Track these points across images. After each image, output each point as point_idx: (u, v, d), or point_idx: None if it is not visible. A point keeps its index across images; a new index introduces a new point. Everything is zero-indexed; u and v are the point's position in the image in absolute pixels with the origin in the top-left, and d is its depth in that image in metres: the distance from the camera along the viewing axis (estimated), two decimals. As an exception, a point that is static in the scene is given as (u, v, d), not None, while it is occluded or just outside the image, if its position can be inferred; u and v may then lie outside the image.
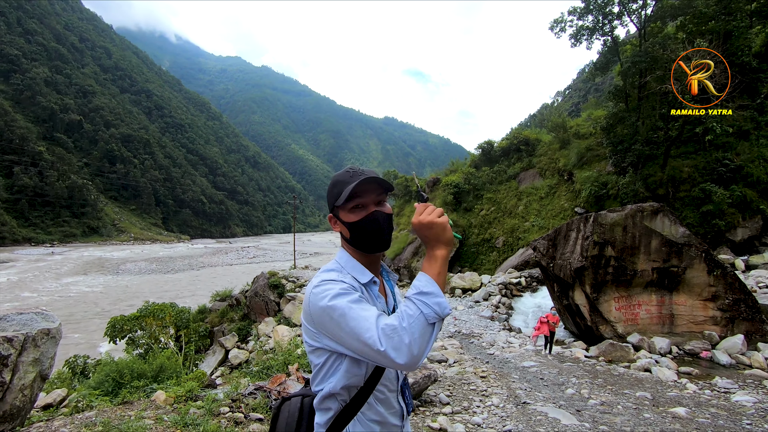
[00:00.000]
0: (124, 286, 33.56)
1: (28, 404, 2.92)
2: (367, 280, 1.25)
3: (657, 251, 9.57)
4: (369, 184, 1.24)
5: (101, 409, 3.32)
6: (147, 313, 10.78)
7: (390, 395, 1.26)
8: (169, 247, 71.47)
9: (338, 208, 1.27)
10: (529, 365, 7.88)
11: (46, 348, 3.05)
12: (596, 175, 18.96)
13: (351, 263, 1.28)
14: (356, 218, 1.24)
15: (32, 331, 2.94)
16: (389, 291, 1.38)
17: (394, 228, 1.34)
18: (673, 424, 4.75)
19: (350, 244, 1.29)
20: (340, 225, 1.29)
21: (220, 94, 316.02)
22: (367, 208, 1.25)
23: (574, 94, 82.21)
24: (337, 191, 1.25)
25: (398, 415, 1.28)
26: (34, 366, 2.91)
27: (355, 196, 1.24)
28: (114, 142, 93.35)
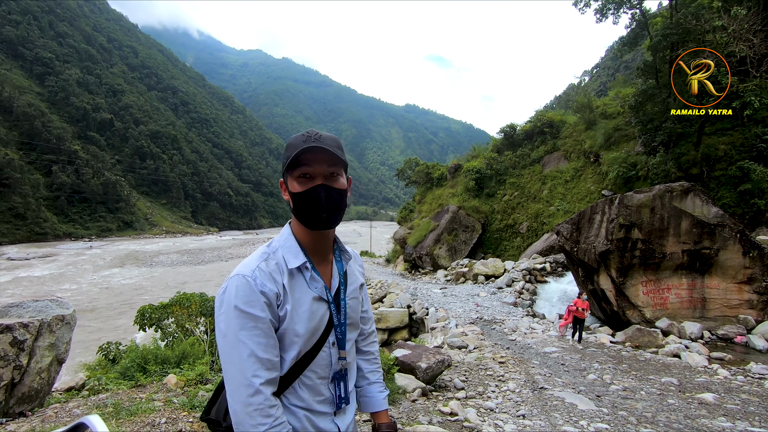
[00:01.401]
0: (157, 277, 34.88)
1: (46, 386, 3.07)
2: (297, 264, 1.15)
3: (687, 233, 9.15)
4: (318, 152, 1.12)
5: (115, 391, 3.46)
6: (174, 302, 11.13)
7: (319, 382, 1.19)
8: (199, 240, 73.70)
9: (287, 174, 1.17)
10: (550, 351, 7.73)
11: (61, 333, 3.18)
12: (624, 155, 18.21)
13: (288, 243, 1.19)
14: (300, 189, 1.14)
15: (47, 318, 3.07)
16: (337, 272, 1.27)
17: (347, 206, 1.23)
18: (699, 410, 4.56)
19: (295, 217, 1.20)
20: (288, 194, 1.19)
21: (243, 87, 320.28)
22: (314, 179, 1.14)
23: (602, 72, 78.93)
24: (287, 155, 1.15)
25: (328, 403, 1.21)
26: (50, 350, 3.04)
27: (303, 164, 1.13)
28: (143, 139, 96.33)
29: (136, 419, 2.60)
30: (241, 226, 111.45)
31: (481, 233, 22.82)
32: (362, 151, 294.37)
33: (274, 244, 1.20)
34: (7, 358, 2.85)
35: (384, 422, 1.36)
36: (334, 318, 1.21)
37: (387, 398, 1.44)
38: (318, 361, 1.18)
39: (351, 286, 1.30)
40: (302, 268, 1.17)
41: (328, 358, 1.21)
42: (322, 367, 1.19)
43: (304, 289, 1.16)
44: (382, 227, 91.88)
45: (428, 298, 13.85)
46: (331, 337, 1.21)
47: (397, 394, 4.29)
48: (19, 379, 2.88)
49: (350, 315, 1.27)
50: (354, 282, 1.32)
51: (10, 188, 58.61)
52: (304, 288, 1.16)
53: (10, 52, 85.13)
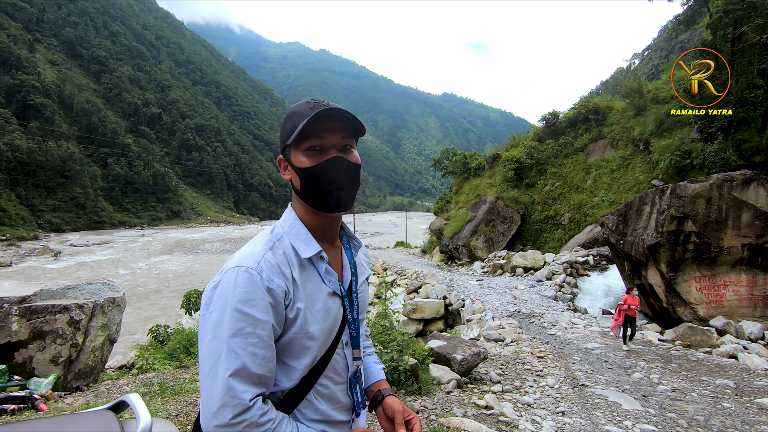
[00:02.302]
0: (203, 263, 36.60)
1: (99, 364, 3.29)
2: (311, 254, 0.97)
3: (749, 225, 8.47)
4: (331, 120, 0.95)
5: (161, 371, 3.65)
6: (217, 288, 11.62)
7: (336, 389, 1.03)
8: (241, 229, 76.54)
9: (291, 148, 0.99)
10: (592, 347, 7.43)
11: (112, 314, 3.38)
12: (678, 143, 17.07)
13: (296, 229, 1.01)
14: (311, 163, 0.96)
15: (100, 300, 3.27)
16: (348, 263, 1.10)
17: (360, 184, 1.05)
18: (759, 416, 4.23)
19: (300, 198, 1.02)
20: (291, 171, 1.01)
21: (282, 80, 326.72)
22: (327, 151, 0.97)
23: (654, 55, 74.07)
24: (290, 126, 0.97)
25: (346, 410, 1.06)
26: (102, 330, 3.25)
27: (313, 135, 0.96)
28: (189, 132, 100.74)
29: (179, 398, 2.74)
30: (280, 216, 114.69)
31: (519, 224, 22.21)
32: (398, 142, 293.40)
33: (277, 231, 1.02)
34: (65, 336, 3.07)
35: (386, 387, 1.18)
36: (348, 314, 1.06)
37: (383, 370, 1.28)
38: (333, 365, 1.02)
39: (361, 278, 1.15)
40: (315, 259, 0.99)
41: (344, 360, 1.05)
42: (338, 371, 1.04)
43: (317, 283, 0.99)
44: (418, 218, 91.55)
45: (464, 289, 13.68)
46: (345, 336, 1.05)
47: (432, 384, 4.27)
48: (76, 357, 3.11)
49: (362, 310, 1.14)
50: (363, 273, 1.17)
51: (71, 180, 63.17)
52: (317, 282, 0.99)
53: (69, 52, 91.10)
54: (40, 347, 2.98)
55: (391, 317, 4.73)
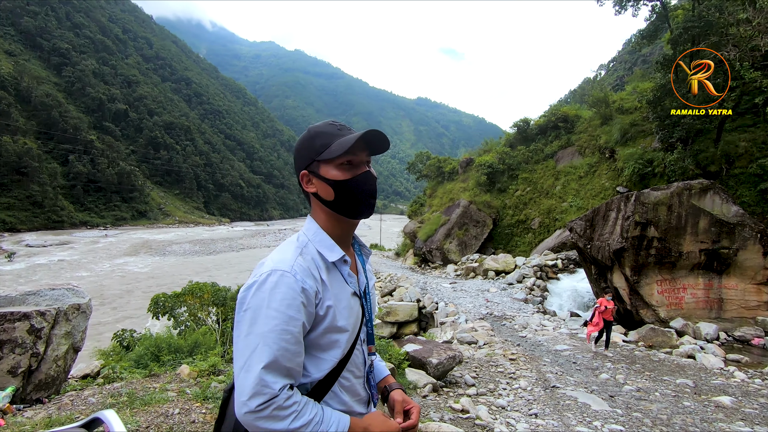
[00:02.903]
0: (170, 266, 35.40)
1: (62, 374, 3.12)
2: (336, 258, 1.09)
3: (705, 232, 8.95)
4: (366, 141, 1.09)
5: (129, 380, 3.50)
6: (187, 291, 11.26)
7: (356, 382, 1.16)
8: (211, 230, 74.56)
9: (320, 163, 1.09)
10: (562, 348, 7.65)
11: (77, 322, 3.22)
12: (641, 151, 17.86)
13: (319, 236, 1.11)
14: (346, 176, 1.08)
15: (63, 306, 3.11)
16: (361, 268, 1.23)
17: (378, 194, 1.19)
18: (716, 414, 4.46)
19: (330, 207, 1.12)
20: (320, 183, 1.10)
21: (255, 79, 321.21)
22: (359, 166, 1.10)
23: (619, 66, 77.31)
24: (320, 143, 1.09)
25: (363, 402, 1.18)
26: (66, 339, 3.09)
27: (348, 152, 1.07)
28: (157, 130, 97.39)
29: (150, 409, 2.62)
30: (252, 217, 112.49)
31: (491, 228, 22.65)
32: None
33: (302, 239, 1.12)
34: (24, 345, 2.90)
35: (392, 382, 1.32)
36: (366, 313, 1.18)
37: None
38: (354, 360, 1.14)
39: (371, 282, 1.29)
40: (339, 263, 1.11)
41: (362, 356, 1.18)
42: (358, 366, 1.16)
43: (341, 284, 1.10)
44: (391, 220, 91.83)
45: (438, 292, 13.81)
46: (362, 333, 1.18)
47: (408, 389, 4.28)
48: (36, 367, 2.93)
49: (373, 311, 1.26)
50: (372, 279, 1.31)
51: (28, 177, 59.83)
52: (341, 283, 1.11)
53: (28, 42, 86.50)
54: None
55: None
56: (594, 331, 7.51)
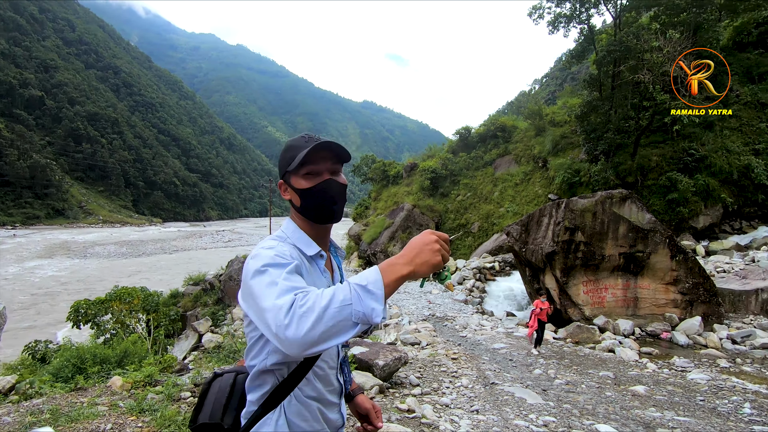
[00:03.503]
0: (92, 269, 32.47)
1: (-30, 392, 2.76)
2: (313, 252, 1.19)
3: (624, 237, 9.86)
4: (324, 150, 1.19)
5: (51, 395, 3.17)
6: (113, 296, 10.43)
7: (330, 372, 1.22)
8: (140, 230, 69.42)
9: (290, 174, 1.22)
10: (499, 347, 8.05)
11: (-11, 333, 2.87)
12: (569, 162, 19.32)
13: (297, 234, 1.22)
14: (308, 185, 1.19)
15: (-27, 316, 2.76)
16: (336, 266, 1.35)
17: (346, 201, 1.29)
18: (633, 402, 4.95)
19: (300, 213, 1.24)
20: (291, 192, 1.23)
21: (193, 72, 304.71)
22: (320, 175, 1.20)
23: (551, 82, 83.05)
24: (290, 156, 1.20)
25: (336, 393, 1.25)
26: (-25, 352, 2.73)
27: (309, 163, 1.18)
28: (79, 121, 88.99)
29: (77, 426, 2.39)
30: (187, 218, 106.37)
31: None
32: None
33: (281, 235, 1.22)
34: None
35: (356, 387, 1.48)
36: None
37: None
38: (328, 351, 1.19)
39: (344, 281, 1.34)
40: (316, 257, 1.21)
41: (336, 347, 1.24)
42: (332, 356, 1.24)
43: (318, 277, 1.20)
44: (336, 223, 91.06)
45: (382, 295, 13.93)
46: None
47: (355, 392, 4.29)
48: (-63, 385, 2.56)
49: None
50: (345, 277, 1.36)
51: None
52: (318, 276, 1.20)
53: None
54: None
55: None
56: (532, 332, 7.93)
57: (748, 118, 16.52)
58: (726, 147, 15.82)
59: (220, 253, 41.94)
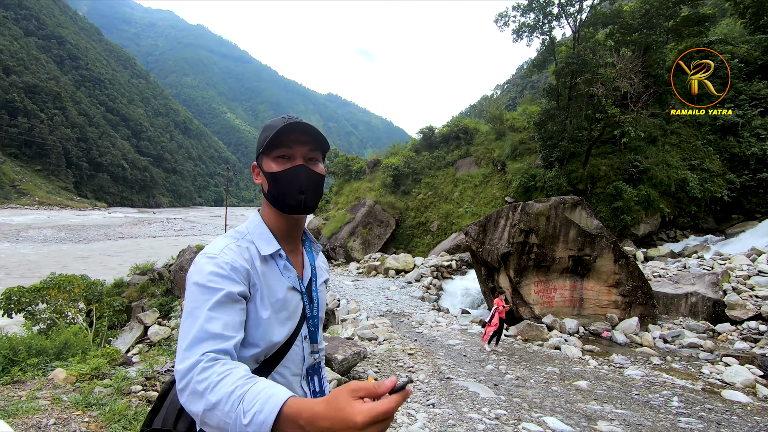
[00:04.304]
0: (24, 255, 30.04)
1: None
2: (270, 251, 1.10)
3: (574, 240, 10.41)
4: (300, 134, 1.09)
5: (-16, 389, 2.93)
6: (51, 284, 9.73)
7: (292, 379, 1.13)
8: (82, 215, 64.97)
9: (263, 156, 1.12)
10: (454, 343, 8.28)
11: None
12: (526, 167, 20.11)
13: (259, 229, 1.13)
14: (278, 169, 1.09)
15: None
16: (309, 263, 1.23)
17: (323, 194, 1.21)
18: (576, 395, 5.26)
19: (268, 200, 1.15)
20: (261, 176, 1.14)
21: (148, 50, 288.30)
22: (293, 159, 1.10)
23: (512, 88, 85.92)
24: (264, 136, 1.11)
25: None
26: None
27: (283, 145, 1.09)
28: (15, 92, 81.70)
29: (16, 421, 2.22)
30: (135, 203, 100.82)
31: (394, 228, 23.51)
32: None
33: (242, 230, 1.13)
34: None
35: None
36: (307, 310, 1.17)
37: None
38: (291, 357, 1.11)
39: (320, 279, 1.27)
40: (275, 256, 1.12)
41: (301, 352, 1.14)
42: (295, 362, 1.13)
43: (278, 278, 1.10)
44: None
45: (340, 289, 13.92)
46: (304, 330, 1.15)
47: (313, 386, 4.28)
48: None
49: (321, 308, 1.24)
50: (322, 275, 1.30)
51: None
52: (277, 276, 1.10)
53: None
54: None
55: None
56: (492, 331, 8.02)
57: (686, 135, 17.89)
58: (666, 161, 17.06)
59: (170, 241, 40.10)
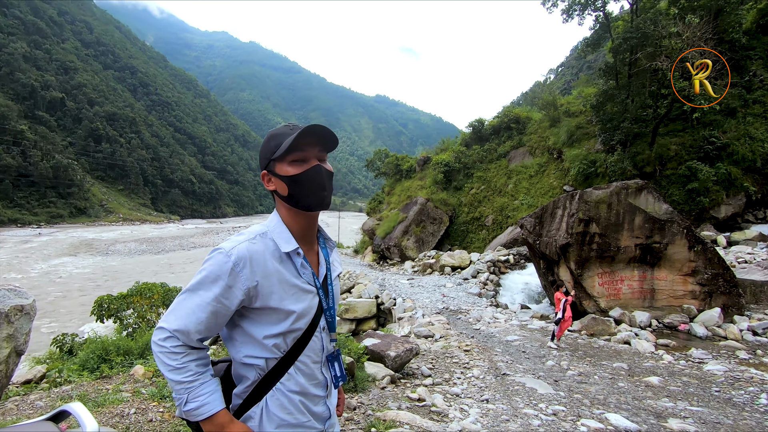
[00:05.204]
0: (114, 266, 33.38)
1: (4, 379, 2.94)
2: (289, 249, 1.18)
3: (640, 228, 9.71)
4: (311, 136, 1.17)
5: (79, 383, 3.35)
6: (135, 292, 10.74)
7: (314, 366, 1.24)
8: (159, 228, 70.96)
9: (275, 162, 1.19)
10: (512, 339, 8.06)
11: (20, 324, 3.04)
12: (585, 153, 19.01)
13: (279, 229, 1.21)
14: (296, 171, 1.17)
15: (5, 308, 2.93)
16: (324, 259, 1.32)
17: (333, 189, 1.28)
18: (645, 392, 4.93)
19: (287, 202, 1.22)
20: (276, 181, 1.21)
21: (208, 70, 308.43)
22: (308, 161, 1.19)
23: (566, 71, 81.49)
24: (274, 144, 1.18)
25: (321, 386, 1.27)
26: (8, 342, 2.91)
27: (297, 149, 1.17)
28: (98, 121, 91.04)
29: (104, 410, 2.55)
30: (204, 215, 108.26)
31: (448, 225, 23.26)
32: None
33: (261, 229, 1.21)
34: (-41, 350, 2.70)
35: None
36: (324, 303, 1.26)
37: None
38: (311, 346, 1.22)
39: (334, 273, 1.35)
40: (293, 254, 1.20)
41: (320, 342, 1.25)
42: (315, 351, 1.24)
43: (293, 275, 1.19)
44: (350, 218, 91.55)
45: (396, 288, 14.04)
46: (322, 321, 1.25)
47: (367, 381, 4.39)
48: (-25, 372, 2.75)
49: (336, 300, 1.34)
50: (336, 269, 1.38)
51: (-54, 169, 54.18)
52: (293, 273, 1.19)
53: (-55, 20, 78.08)
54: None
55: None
56: (568, 327, 7.53)
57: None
58: (749, 134, 15.35)
59: (236, 248, 42.53)
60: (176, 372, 1.07)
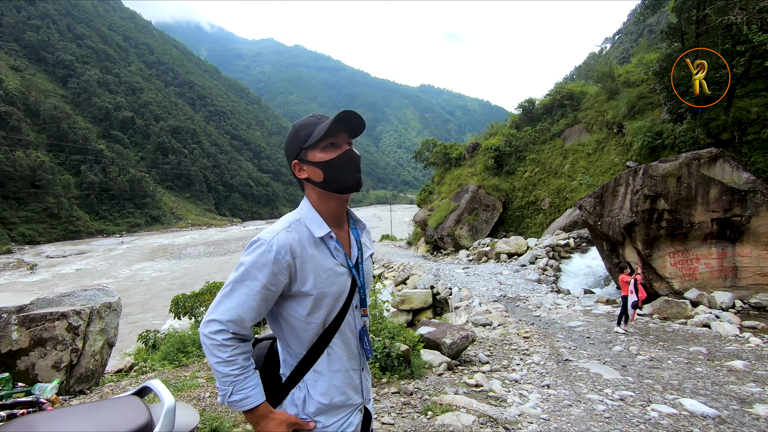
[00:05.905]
0: (187, 268, 36.11)
1: (100, 368, 3.35)
2: (322, 233, 1.24)
3: (717, 201, 8.90)
4: (341, 123, 1.22)
5: (162, 371, 3.72)
6: (206, 290, 11.58)
7: (351, 342, 1.30)
8: (224, 231, 75.60)
9: (307, 150, 1.24)
10: (575, 325, 7.74)
11: (109, 319, 3.44)
12: (650, 124, 17.61)
13: (311, 215, 1.27)
14: (330, 156, 1.22)
15: (96, 305, 3.33)
16: (355, 241, 1.37)
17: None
18: (728, 377, 4.55)
19: (322, 188, 1.26)
20: (309, 168, 1.25)
21: (257, 77, 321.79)
22: (340, 146, 1.24)
23: (625, 38, 75.52)
24: (304, 133, 1.24)
25: (356, 359, 1.33)
26: (101, 335, 3.31)
27: (329, 135, 1.22)
28: (164, 135, 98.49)
29: (182, 394, 2.83)
30: (263, 216, 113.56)
31: (501, 211, 22.63)
32: (378, 135, 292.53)
33: (295, 216, 1.28)
34: (64, 342, 3.12)
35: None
36: (357, 280, 1.32)
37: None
38: (347, 322, 1.29)
39: (366, 253, 1.40)
40: (326, 238, 1.25)
41: (353, 319, 1.31)
42: (350, 327, 1.30)
43: (327, 257, 1.24)
44: (401, 210, 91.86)
45: (451, 278, 13.94)
46: (355, 299, 1.32)
47: (423, 368, 4.44)
48: (77, 361, 3.17)
49: (367, 278, 1.39)
50: (367, 250, 1.42)
51: (43, 189, 61.23)
52: (327, 256, 1.24)
53: (33, 56, 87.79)
54: (42, 354, 3.03)
55: (380, 307, 4.90)
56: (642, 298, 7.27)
57: None
58: None
59: (295, 246, 44.34)
60: (225, 365, 1.14)
